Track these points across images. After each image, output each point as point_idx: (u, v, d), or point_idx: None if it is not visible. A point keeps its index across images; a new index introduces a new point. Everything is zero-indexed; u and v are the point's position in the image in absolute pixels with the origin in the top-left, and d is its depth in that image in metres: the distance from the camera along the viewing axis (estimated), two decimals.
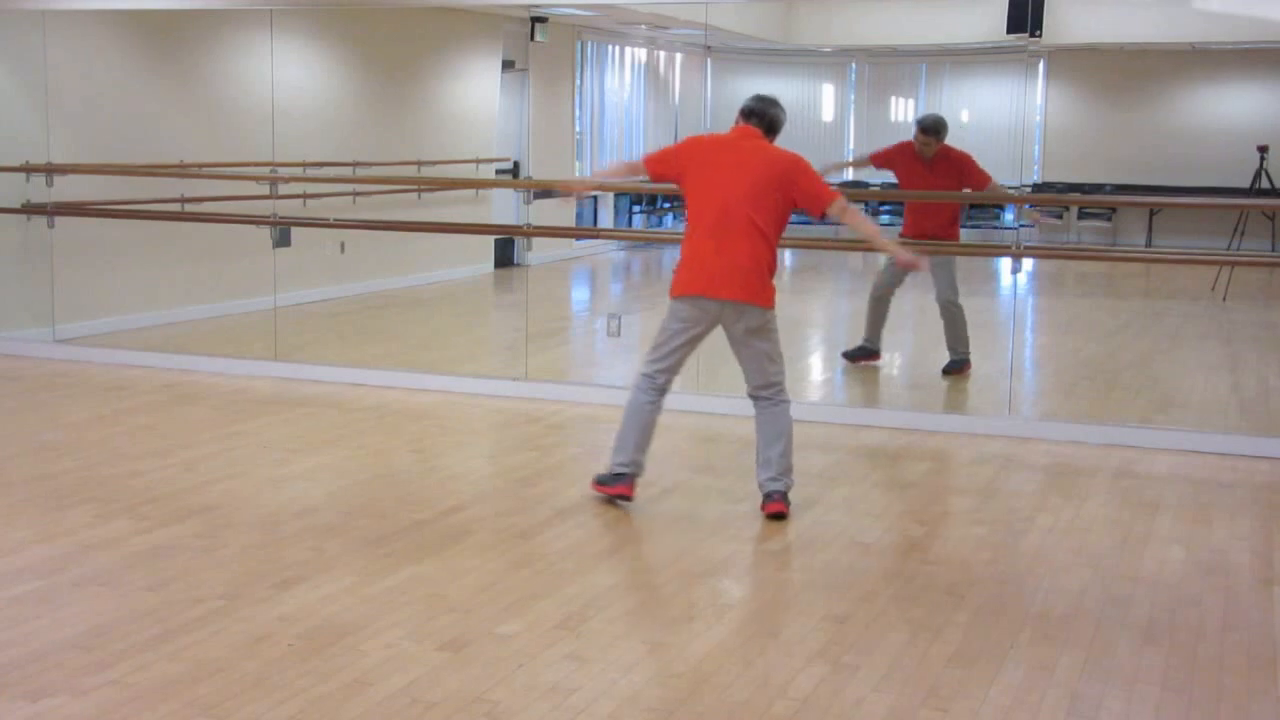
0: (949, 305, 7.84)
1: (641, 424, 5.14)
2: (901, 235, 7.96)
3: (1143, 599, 4.27)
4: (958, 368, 7.87)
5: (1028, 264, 9.07)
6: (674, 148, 5.24)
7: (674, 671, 3.61)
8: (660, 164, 5.16)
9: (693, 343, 5.12)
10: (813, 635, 3.90)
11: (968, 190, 7.87)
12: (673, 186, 5.23)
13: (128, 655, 3.65)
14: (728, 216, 4.93)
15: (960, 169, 7.77)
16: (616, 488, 5.14)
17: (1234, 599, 4.30)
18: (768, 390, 5.10)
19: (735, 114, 5.20)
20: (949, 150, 7.80)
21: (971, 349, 7.85)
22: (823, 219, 5.16)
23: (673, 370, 5.16)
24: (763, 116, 5.11)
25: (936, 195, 7.89)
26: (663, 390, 5.17)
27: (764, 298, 4.99)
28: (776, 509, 5.06)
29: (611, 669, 3.62)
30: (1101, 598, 4.27)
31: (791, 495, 5.11)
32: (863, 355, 8.11)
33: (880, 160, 8.01)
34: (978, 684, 3.57)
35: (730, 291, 4.94)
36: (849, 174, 8.22)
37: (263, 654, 3.68)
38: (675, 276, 5.08)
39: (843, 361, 8.30)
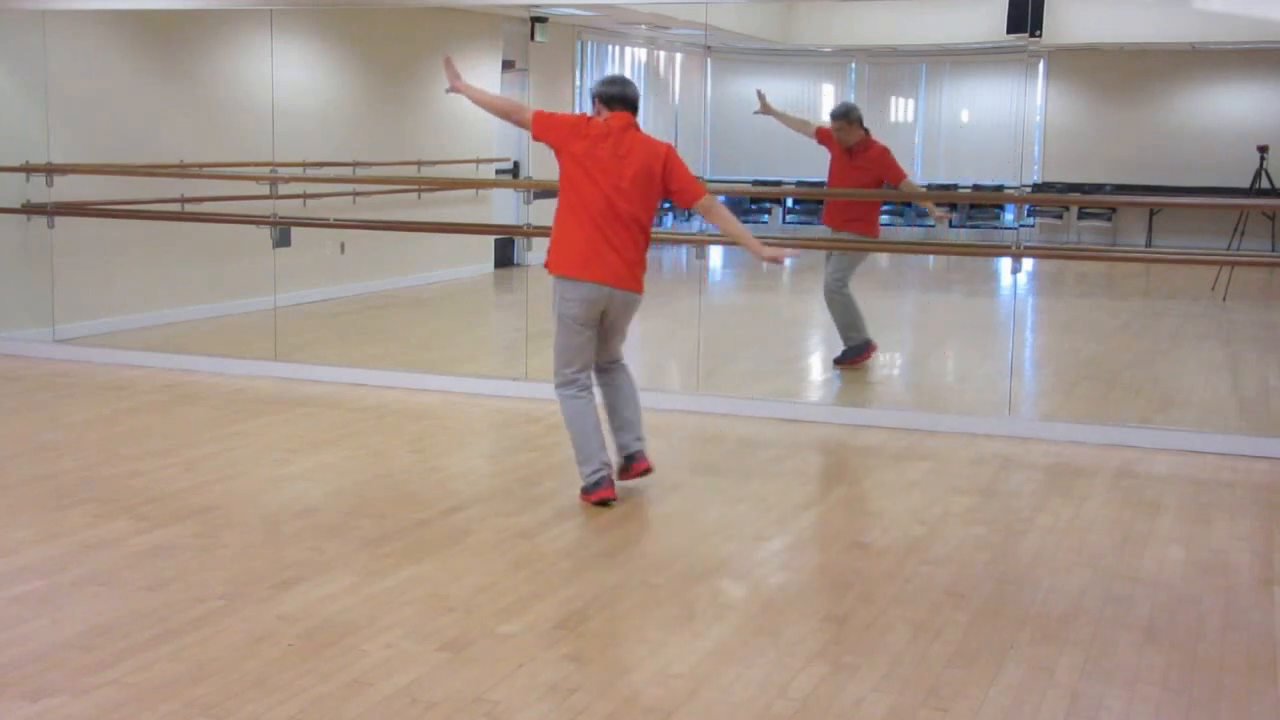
0: (833, 295, 7.92)
1: (590, 426, 5.21)
2: (823, 223, 7.99)
3: (1143, 599, 4.27)
4: (853, 355, 7.93)
5: (1028, 264, 9.08)
6: (565, 119, 5.24)
7: (674, 671, 3.61)
8: (547, 128, 5.20)
9: (593, 334, 5.21)
10: (813, 635, 3.90)
11: (887, 185, 7.90)
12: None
13: (128, 655, 3.65)
14: (615, 209, 5.05)
15: (880, 162, 7.84)
16: (599, 493, 5.16)
17: (1234, 599, 4.30)
18: (616, 361, 5.33)
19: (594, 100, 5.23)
20: (870, 142, 7.89)
21: (869, 334, 7.95)
22: (688, 211, 5.31)
23: (588, 364, 5.27)
24: (633, 102, 5.19)
25: (942, 195, 7.88)
26: (588, 386, 5.27)
27: (643, 285, 5.23)
28: (645, 467, 5.25)
29: (611, 669, 3.62)
30: (1101, 598, 4.27)
31: (796, 494, 5.11)
32: (850, 356, 8.05)
33: (823, 135, 8.03)
34: (978, 684, 3.57)
35: (627, 284, 5.12)
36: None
37: (263, 654, 3.68)
38: (560, 256, 5.13)
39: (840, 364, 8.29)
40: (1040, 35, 11.72)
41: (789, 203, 15.00)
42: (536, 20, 11.15)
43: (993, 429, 6.54)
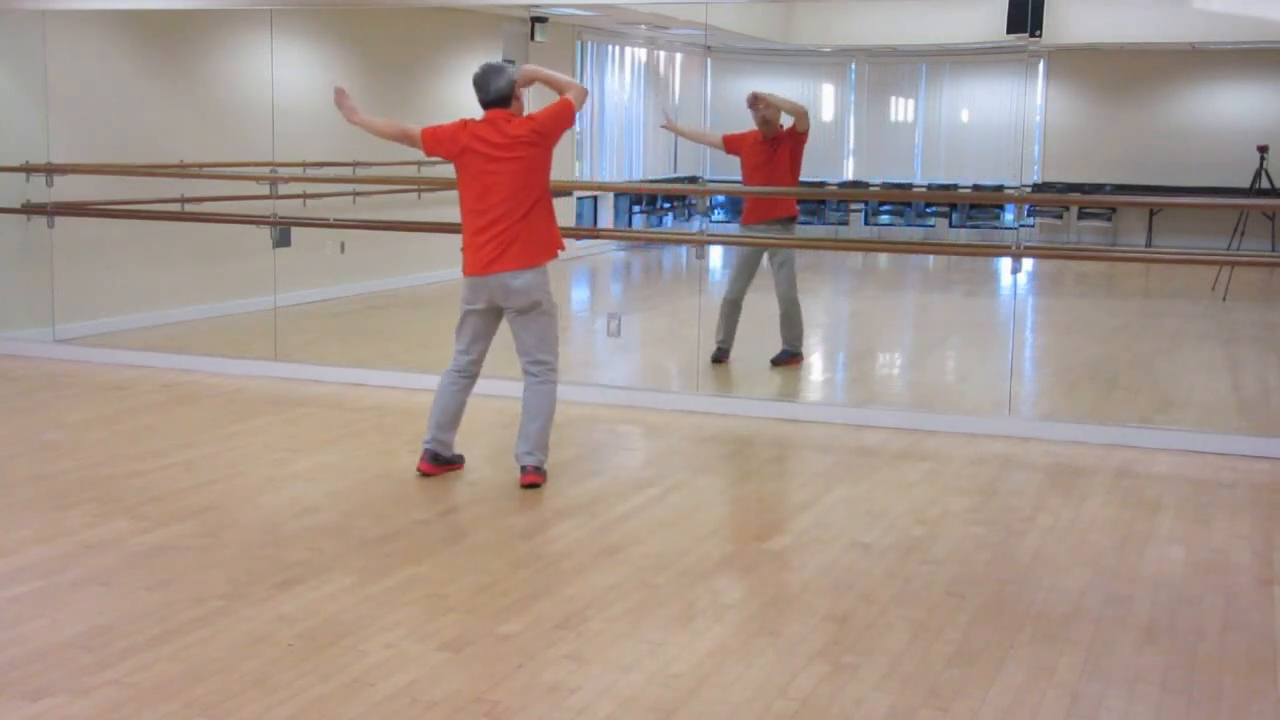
0: (791, 302, 7.94)
1: (439, 402, 5.50)
2: (744, 223, 7.98)
3: (1143, 599, 4.27)
4: (789, 358, 7.98)
5: (1028, 264, 9.08)
6: (449, 130, 5.43)
7: (674, 671, 3.61)
8: (436, 144, 5.45)
9: (482, 322, 5.51)
10: (813, 635, 3.90)
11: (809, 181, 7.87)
12: (675, 186, 5.29)
13: (128, 655, 3.65)
14: (489, 201, 5.34)
15: (794, 147, 7.83)
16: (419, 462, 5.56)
17: (1234, 599, 4.30)
18: (534, 363, 5.48)
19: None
20: (786, 131, 7.85)
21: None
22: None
23: (469, 350, 5.54)
24: (500, 95, 5.35)
25: (942, 196, 7.88)
26: (463, 368, 5.53)
27: (533, 259, 5.40)
28: (530, 481, 5.43)
29: (611, 669, 3.62)
30: (1101, 598, 4.28)
31: (796, 494, 5.11)
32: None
33: (731, 143, 8.02)
34: (978, 684, 3.57)
35: (501, 266, 5.35)
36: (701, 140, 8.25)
37: (263, 654, 3.68)
38: (465, 256, 5.48)
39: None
40: (1040, 35, 11.72)
41: None
42: (536, 20, 11.16)
43: (993, 429, 6.54)
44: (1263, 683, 3.64)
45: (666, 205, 14.78)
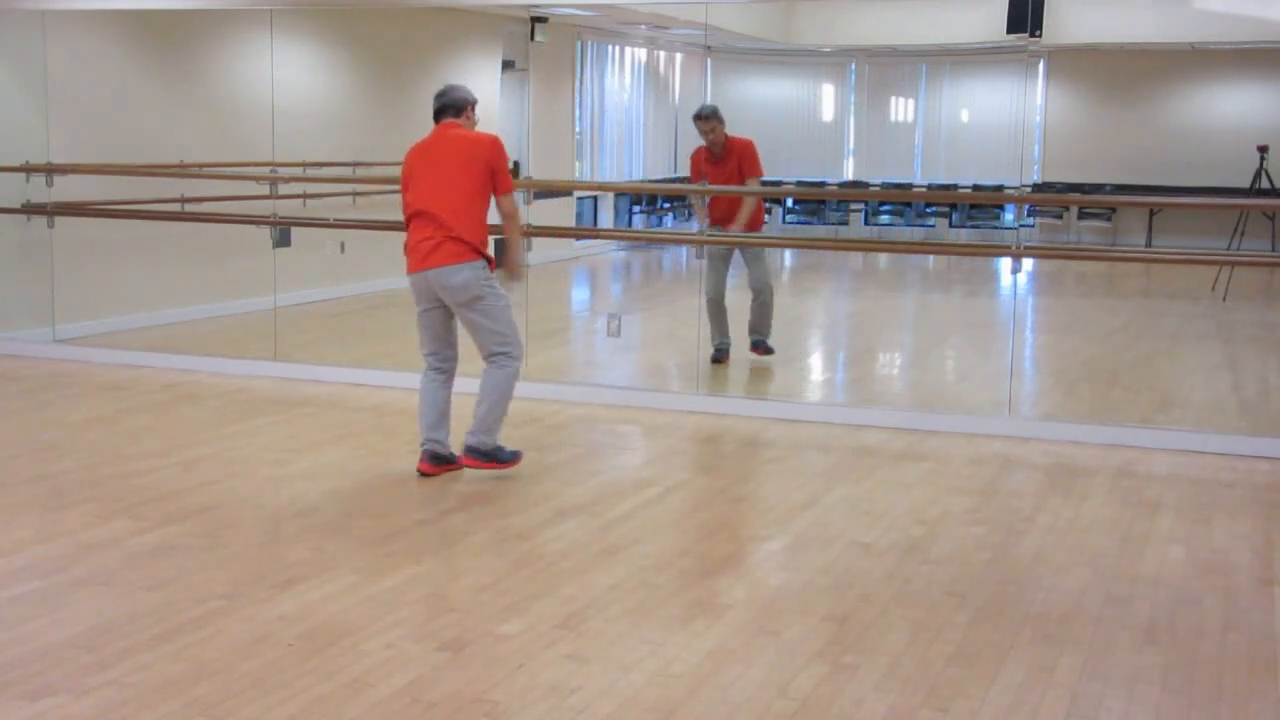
0: (763, 291, 7.96)
1: (424, 404, 5.61)
2: (712, 224, 7.96)
3: (1143, 599, 4.27)
4: (762, 347, 8.01)
5: (1028, 264, 9.08)
6: (403, 176, 5.75)
7: (674, 671, 3.61)
8: (404, 198, 5.75)
9: (430, 318, 5.67)
10: (813, 635, 3.90)
11: (746, 181, 7.81)
12: (675, 186, 5.31)
13: (128, 655, 3.65)
14: (423, 204, 5.60)
15: (741, 156, 7.82)
16: (418, 464, 5.61)
17: (1234, 599, 4.30)
18: (490, 356, 5.61)
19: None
20: (733, 141, 7.86)
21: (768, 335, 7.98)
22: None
23: (434, 348, 5.69)
24: (446, 108, 5.59)
25: (942, 196, 7.88)
26: (437, 367, 5.67)
27: (459, 255, 5.51)
28: (463, 464, 5.58)
29: (611, 669, 3.62)
30: (1101, 598, 4.28)
31: (796, 494, 5.11)
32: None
33: (695, 177, 8.03)
34: (978, 684, 3.57)
35: (433, 261, 5.52)
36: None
37: (263, 654, 3.68)
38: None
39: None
40: (1040, 35, 11.73)
41: (789, 203, 15.02)
42: (536, 20, 11.16)
43: (993, 429, 6.54)
44: (1263, 683, 3.64)
45: (666, 205, 14.78)
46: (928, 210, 14.91)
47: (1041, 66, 15.81)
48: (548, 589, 4.24)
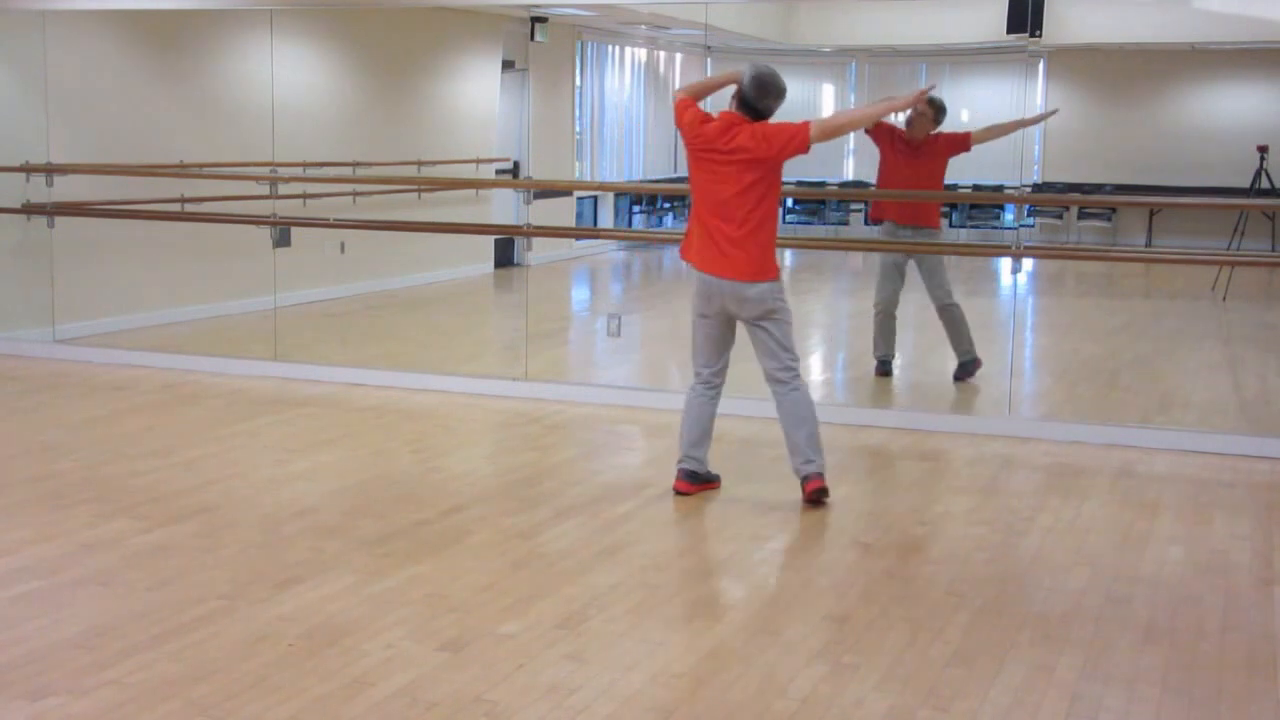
0: (947, 308, 7.71)
1: (689, 419, 5.38)
2: (883, 218, 7.85)
3: (1143, 599, 4.27)
4: (969, 371, 7.67)
5: (1028, 264, 9.06)
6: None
7: (674, 671, 3.61)
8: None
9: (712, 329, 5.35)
10: (813, 635, 3.90)
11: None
12: (675, 186, 5.30)
13: (128, 655, 3.65)
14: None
15: (950, 147, 7.62)
16: (675, 483, 5.38)
17: (1234, 599, 4.30)
18: (779, 369, 5.41)
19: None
20: (939, 134, 7.66)
21: (973, 349, 7.80)
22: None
23: (709, 363, 5.41)
24: (756, 108, 5.33)
25: (942, 196, 7.85)
26: (707, 381, 5.40)
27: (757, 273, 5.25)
28: (816, 487, 5.22)
29: (611, 669, 3.62)
30: (1101, 598, 4.27)
31: (796, 494, 5.10)
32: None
33: (882, 132, 7.66)
34: (978, 684, 3.57)
35: (730, 273, 5.23)
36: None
37: (263, 654, 3.68)
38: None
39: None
40: (1040, 35, 11.71)
41: (789, 203, 15.00)
42: (536, 20, 11.14)
43: (993, 429, 6.54)
44: (1263, 683, 3.64)
45: (667, 205, 14.77)
46: None
47: (1041, 67, 15.79)
48: (548, 589, 4.24)
